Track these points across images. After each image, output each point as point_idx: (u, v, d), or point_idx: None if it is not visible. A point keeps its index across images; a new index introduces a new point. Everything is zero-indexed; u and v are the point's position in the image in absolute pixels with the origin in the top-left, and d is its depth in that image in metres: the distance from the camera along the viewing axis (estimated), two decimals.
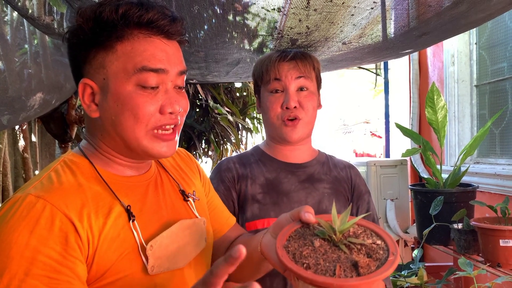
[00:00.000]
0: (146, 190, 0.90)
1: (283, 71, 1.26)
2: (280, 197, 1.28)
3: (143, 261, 0.81)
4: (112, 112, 0.81)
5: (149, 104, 0.81)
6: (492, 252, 1.87)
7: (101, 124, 0.84)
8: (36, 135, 3.49)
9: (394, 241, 0.73)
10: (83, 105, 0.83)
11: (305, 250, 0.70)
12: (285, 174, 1.31)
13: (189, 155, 1.11)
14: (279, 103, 1.27)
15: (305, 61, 1.27)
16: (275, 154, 1.35)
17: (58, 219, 0.74)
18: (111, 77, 0.80)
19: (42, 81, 2.54)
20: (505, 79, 2.87)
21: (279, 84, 1.26)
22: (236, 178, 1.32)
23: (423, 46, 1.89)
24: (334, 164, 1.38)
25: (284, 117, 1.26)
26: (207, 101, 4.11)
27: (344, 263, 0.68)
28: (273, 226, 0.86)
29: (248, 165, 1.34)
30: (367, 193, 1.38)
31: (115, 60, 0.80)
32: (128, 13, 0.79)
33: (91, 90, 0.83)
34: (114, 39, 0.80)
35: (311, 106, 1.27)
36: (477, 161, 3.13)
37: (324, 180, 1.33)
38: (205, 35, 1.45)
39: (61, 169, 0.83)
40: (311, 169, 1.33)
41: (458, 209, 2.10)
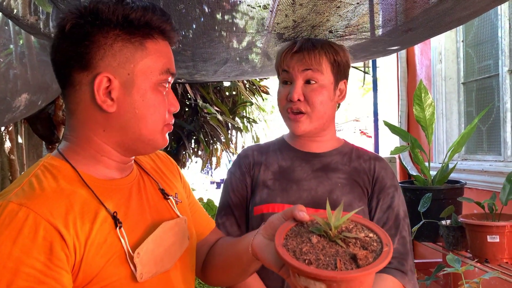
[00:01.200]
0: (130, 193, 0.89)
1: (290, 63, 1.23)
2: (290, 184, 1.27)
3: (130, 268, 0.80)
4: (136, 106, 0.83)
5: (164, 101, 0.86)
6: (480, 248, 1.88)
7: (112, 119, 0.83)
8: (22, 136, 3.45)
9: (385, 233, 0.76)
10: (98, 100, 0.80)
11: (304, 247, 0.73)
12: (299, 162, 1.31)
13: (169, 158, 1.12)
14: (285, 94, 1.25)
15: (313, 52, 1.22)
16: (295, 143, 1.34)
17: (42, 228, 0.72)
18: (139, 73, 0.83)
19: (28, 82, 2.51)
20: (491, 76, 2.90)
21: (288, 76, 1.25)
22: (252, 164, 1.34)
23: (410, 43, 1.90)
24: (358, 155, 1.33)
25: (288, 109, 1.25)
26: (196, 101, 4.10)
27: (343, 257, 0.71)
28: (265, 226, 0.87)
29: (266, 153, 1.36)
30: (392, 187, 1.29)
31: (145, 57, 0.83)
32: (154, 18, 0.84)
33: (108, 84, 0.81)
34: (144, 36, 0.83)
35: (318, 100, 1.23)
36: (465, 157, 3.15)
37: (340, 170, 1.29)
38: (191, 33, 1.44)
39: (41, 174, 0.80)
40: (328, 158, 1.31)
41: (446, 205, 2.11)
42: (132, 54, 0.82)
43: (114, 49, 0.81)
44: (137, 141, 0.86)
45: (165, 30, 0.86)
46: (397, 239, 1.24)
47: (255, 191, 1.31)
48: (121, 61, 0.81)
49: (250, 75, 2.44)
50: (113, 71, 0.81)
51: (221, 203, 1.37)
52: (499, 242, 1.84)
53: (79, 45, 0.81)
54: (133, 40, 0.82)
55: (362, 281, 0.69)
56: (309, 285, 0.69)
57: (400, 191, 1.32)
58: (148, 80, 0.83)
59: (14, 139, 3.18)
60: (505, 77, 2.71)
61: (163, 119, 0.87)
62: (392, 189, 1.29)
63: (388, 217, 1.26)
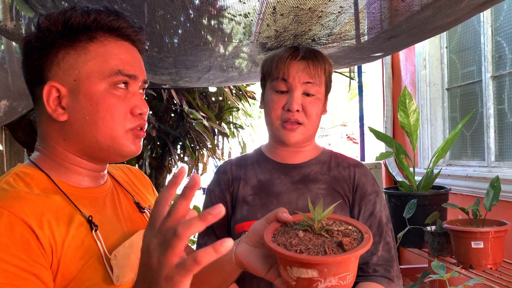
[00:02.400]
0: (104, 202, 0.88)
1: (292, 71, 1.19)
2: (270, 198, 1.25)
3: (107, 270, 0.79)
4: (85, 112, 0.81)
5: (122, 105, 0.83)
6: (465, 254, 1.88)
7: (68, 127, 0.82)
8: (3, 143, 3.39)
9: (362, 224, 0.84)
10: (48, 110, 0.81)
11: (293, 241, 0.78)
12: (278, 175, 1.28)
13: (142, 174, 1.11)
14: (281, 103, 1.22)
15: (316, 63, 1.20)
16: (273, 154, 1.31)
17: (19, 225, 0.71)
18: (84, 78, 0.81)
19: (8, 88, 2.46)
20: (475, 82, 2.92)
21: (285, 85, 1.21)
22: (231, 180, 1.31)
23: (393, 50, 1.91)
24: (338, 163, 1.31)
25: (284, 119, 1.22)
26: (182, 106, 4.07)
27: (330, 245, 0.76)
28: (248, 234, 0.88)
29: (244, 166, 1.33)
30: (373, 193, 1.28)
31: (89, 61, 0.81)
32: (99, 18, 0.82)
33: (57, 94, 0.81)
34: (86, 40, 0.81)
35: (315, 112, 1.22)
36: (450, 163, 3.17)
37: (320, 180, 1.27)
38: (173, 40, 1.42)
39: (13, 182, 0.79)
40: (307, 169, 1.28)
41: (431, 211, 2.12)
42: (75, 60, 0.81)
43: (58, 58, 0.81)
44: (96, 149, 0.84)
45: (118, 29, 0.84)
46: (381, 246, 1.22)
47: (236, 208, 1.28)
48: (65, 69, 0.81)
49: (235, 81, 2.43)
50: (60, 79, 0.81)
51: None
52: (483, 248, 1.85)
53: (31, 60, 0.82)
54: (75, 45, 0.81)
55: (348, 264, 0.74)
56: (302, 274, 0.74)
57: (382, 196, 1.31)
58: (95, 84, 0.81)
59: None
60: (488, 83, 2.73)
61: (121, 124, 0.83)
62: (373, 196, 1.27)
63: (371, 224, 1.24)
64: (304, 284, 0.74)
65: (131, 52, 0.85)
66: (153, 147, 4.27)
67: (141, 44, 0.89)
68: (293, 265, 0.75)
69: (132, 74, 0.84)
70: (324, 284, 0.73)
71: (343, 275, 0.74)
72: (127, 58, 0.84)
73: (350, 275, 0.75)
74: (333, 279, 0.73)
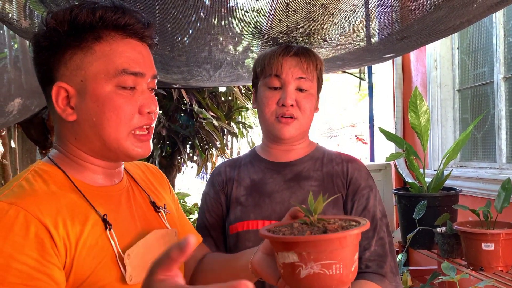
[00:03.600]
0: (119, 201, 0.89)
1: (285, 67, 1.21)
2: (262, 198, 1.25)
3: (121, 270, 0.80)
4: (92, 113, 0.81)
5: (129, 104, 0.82)
6: (475, 256, 1.87)
7: (78, 127, 0.83)
8: (16, 141, 3.43)
9: (367, 219, 0.79)
10: (57, 110, 0.82)
11: (284, 229, 0.78)
12: (271, 174, 1.28)
13: (159, 171, 1.11)
14: (275, 99, 1.22)
15: (308, 59, 1.21)
16: (266, 154, 1.32)
17: (34, 225, 0.72)
18: (90, 78, 0.80)
19: (21, 86, 2.50)
20: (486, 83, 2.90)
21: (278, 81, 1.22)
22: (225, 181, 1.32)
23: (404, 50, 1.90)
24: (331, 159, 1.30)
25: (278, 114, 1.22)
26: (192, 106, 4.09)
27: (315, 231, 0.75)
28: (264, 243, 0.89)
29: (238, 167, 1.33)
30: (367, 188, 1.26)
31: (94, 61, 0.80)
32: (105, 16, 0.81)
33: (66, 94, 0.81)
34: (92, 40, 0.81)
35: (308, 107, 1.23)
36: (460, 164, 3.15)
37: (312, 177, 1.26)
38: (185, 38, 1.43)
39: (32, 178, 0.80)
40: (300, 166, 1.28)
41: (441, 213, 2.10)
42: (81, 60, 0.81)
43: (65, 58, 0.81)
44: (105, 149, 0.84)
45: (125, 26, 0.82)
46: (374, 241, 1.21)
47: (230, 208, 1.28)
48: (72, 69, 0.81)
49: (245, 81, 2.44)
50: (67, 79, 0.81)
51: (198, 225, 1.33)
52: (494, 250, 1.83)
53: (40, 59, 0.82)
54: (81, 46, 0.80)
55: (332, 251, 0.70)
56: (285, 259, 0.73)
57: (376, 191, 1.29)
58: (101, 85, 0.80)
59: (7, 143, 3.16)
60: (500, 84, 2.71)
61: (126, 125, 0.82)
62: (366, 190, 1.26)
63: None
64: (288, 271, 0.73)
65: (138, 49, 0.84)
66: (163, 146, 4.30)
67: (150, 39, 0.88)
68: (278, 250, 0.74)
69: (138, 71, 0.83)
70: (306, 270, 0.71)
71: (327, 263, 0.70)
72: (133, 56, 0.83)
73: (338, 265, 0.71)
74: (315, 266, 0.70)
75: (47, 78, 0.83)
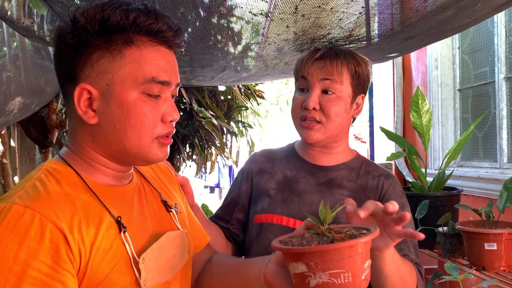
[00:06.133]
0: (132, 201, 0.87)
1: (310, 70, 1.20)
2: (292, 196, 1.25)
3: (135, 274, 0.79)
4: (115, 118, 0.79)
5: (153, 113, 0.81)
6: (477, 256, 1.87)
7: (98, 130, 0.81)
8: (15, 140, 3.41)
9: (377, 227, 0.79)
10: (79, 111, 0.79)
11: (294, 240, 0.79)
12: (304, 174, 1.28)
13: (168, 169, 1.09)
14: (301, 102, 1.22)
15: (336, 61, 1.19)
16: (303, 153, 1.32)
17: (49, 230, 0.71)
18: (117, 83, 0.78)
19: (21, 85, 2.48)
20: (487, 83, 2.91)
21: (305, 83, 1.21)
22: (255, 171, 1.33)
23: (409, 50, 1.90)
24: (367, 171, 1.28)
25: (301, 117, 1.22)
26: (191, 105, 4.08)
27: (323, 241, 0.75)
28: (276, 254, 0.89)
29: (273, 160, 1.34)
30: (400, 205, 1.25)
31: (123, 66, 0.78)
32: (139, 20, 0.78)
33: (89, 95, 0.79)
34: (123, 43, 0.78)
35: (334, 110, 1.20)
36: (461, 164, 3.16)
37: (345, 186, 1.25)
38: (190, 38, 1.42)
39: (45, 178, 0.79)
40: (335, 173, 1.27)
41: (443, 212, 2.11)
42: (109, 64, 0.78)
43: (92, 59, 0.79)
44: (123, 154, 0.83)
45: (157, 32, 0.80)
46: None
47: (258, 199, 1.29)
48: (99, 71, 0.79)
49: (246, 81, 2.43)
50: (92, 82, 0.79)
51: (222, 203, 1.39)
52: (496, 250, 1.83)
53: (63, 56, 0.80)
54: (111, 48, 0.78)
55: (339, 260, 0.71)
56: (295, 270, 0.73)
57: (409, 210, 1.27)
58: (128, 90, 0.79)
59: (7, 142, 3.14)
60: (501, 84, 2.72)
61: (150, 132, 0.81)
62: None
63: None
64: (299, 281, 0.73)
65: (166, 57, 0.82)
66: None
67: (178, 47, 0.86)
68: (289, 261, 0.75)
69: (166, 80, 0.82)
70: (315, 280, 0.71)
71: (335, 272, 0.70)
72: (162, 64, 0.81)
73: (347, 274, 0.71)
74: (323, 275, 0.70)
75: (70, 76, 0.81)
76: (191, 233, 1.04)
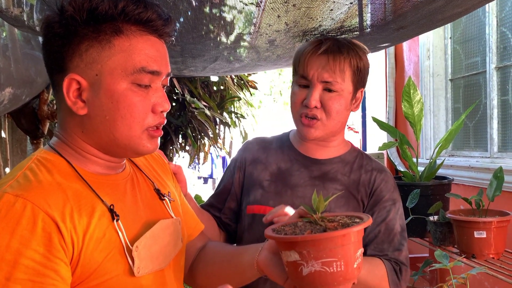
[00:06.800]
0: (124, 189, 0.87)
1: (312, 68, 1.16)
2: (285, 188, 1.25)
3: (128, 262, 0.79)
4: (105, 109, 0.78)
5: (144, 103, 0.80)
6: (467, 244, 1.90)
7: (87, 121, 0.80)
8: (6, 131, 3.38)
9: (369, 216, 0.80)
10: (68, 102, 0.79)
11: (287, 228, 0.80)
12: (298, 166, 1.27)
13: (161, 157, 1.09)
14: (301, 98, 1.20)
15: (338, 58, 1.15)
16: (298, 145, 1.30)
17: (41, 219, 0.70)
18: (106, 73, 0.78)
19: (11, 76, 2.46)
20: (478, 73, 2.92)
21: (306, 81, 1.19)
22: (249, 160, 1.32)
23: (400, 40, 1.90)
24: (361, 165, 1.28)
25: (302, 114, 1.20)
26: (184, 95, 4.06)
27: (316, 230, 0.76)
28: (269, 242, 0.89)
29: (268, 150, 1.33)
30: (390, 200, 1.25)
31: (112, 56, 0.78)
32: (128, 9, 0.77)
33: (78, 86, 0.78)
34: (112, 33, 0.77)
35: (335, 108, 1.18)
36: (452, 154, 3.18)
37: (338, 180, 1.25)
38: (182, 28, 1.41)
39: (36, 168, 0.78)
40: (328, 167, 1.26)
41: (434, 201, 2.13)
42: (98, 54, 0.77)
43: (81, 49, 0.78)
44: (113, 145, 0.82)
45: (146, 21, 0.79)
46: (389, 253, 1.21)
47: (251, 189, 1.29)
48: (88, 62, 0.78)
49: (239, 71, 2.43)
50: (81, 72, 0.78)
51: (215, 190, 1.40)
52: (486, 238, 1.86)
53: (52, 46, 0.79)
54: (100, 38, 0.77)
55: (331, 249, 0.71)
56: (288, 258, 0.74)
57: (400, 205, 1.27)
58: (117, 81, 0.78)
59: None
60: (492, 74, 2.73)
61: (140, 123, 0.80)
62: (389, 203, 1.25)
63: (380, 230, 1.22)
64: (292, 269, 0.74)
65: (156, 46, 0.81)
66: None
67: (168, 37, 0.85)
68: (281, 249, 0.75)
69: (156, 70, 0.81)
70: (308, 269, 0.72)
71: (327, 261, 0.71)
72: (152, 53, 0.80)
73: (339, 263, 0.72)
74: (316, 264, 0.71)
75: (58, 66, 0.80)
76: (185, 221, 1.04)
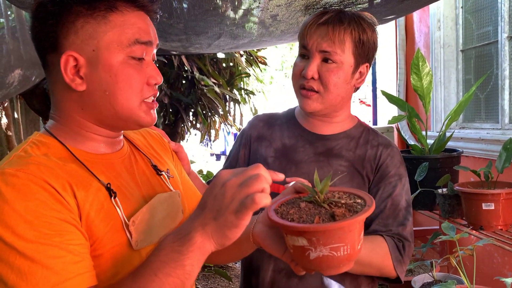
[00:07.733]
0: (121, 167, 0.89)
1: (311, 38, 1.15)
2: (289, 165, 1.25)
3: (127, 236, 0.81)
4: (104, 83, 0.81)
5: (140, 75, 0.83)
6: (475, 216, 1.90)
7: (87, 97, 0.82)
8: (19, 112, 3.43)
9: (372, 198, 0.79)
10: (66, 79, 0.80)
11: (291, 210, 0.79)
12: (303, 143, 1.26)
13: (162, 138, 1.11)
14: (301, 69, 1.19)
15: (337, 28, 1.13)
16: (303, 120, 1.30)
17: (47, 185, 0.73)
18: (103, 48, 0.80)
19: (21, 57, 2.48)
20: (490, 43, 2.86)
21: (306, 51, 1.18)
22: (254, 137, 1.33)
23: (405, 12, 1.86)
24: (367, 140, 1.26)
25: (300, 85, 1.20)
26: (193, 73, 4.06)
27: (323, 215, 0.75)
28: (263, 214, 0.89)
29: (273, 126, 1.33)
30: (396, 176, 1.22)
31: (108, 31, 0.80)
32: None
33: (75, 63, 0.80)
34: (106, 9, 0.80)
35: (332, 80, 1.16)
36: (463, 126, 3.15)
37: (343, 156, 1.23)
38: (182, 5, 1.41)
39: (30, 150, 0.80)
40: (333, 142, 1.25)
41: (443, 174, 2.12)
42: (94, 30, 0.80)
43: (76, 26, 0.79)
44: (115, 118, 0.84)
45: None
46: (394, 228, 1.19)
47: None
48: (84, 38, 0.80)
49: (246, 47, 2.41)
50: (78, 48, 0.80)
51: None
52: (494, 210, 1.86)
53: (45, 25, 0.80)
54: (95, 14, 0.80)
55: (340, 235, 0.72)
56: (295, 242, 0.74)
57: (406, 180, 1.25)
58: (114, 55, 0.80)
59: (11, 115, 3.16)
60: (504, 44, 2.67)
61: (138, 95, 0.83)
62: (395, 178, 1.23)
63: (386, 206, 1.20)
64: (298, 252, 0.75)
65: (145, 20, 0.85)
66: (166, 114, 4.30)
67: (154, 13, 0.89)
68: (287, 233, 0.75)
69: (148, 40, 0.84)
70: (315, 253, 0.72)
71: (335, 246, 0.72)
72: (143, 26, 0.84)
73: (346, 247, 0.73)
74: (324, 249, 0.72)
75: (52, 45, 0.81)
76: (186, 196, 1.06)
